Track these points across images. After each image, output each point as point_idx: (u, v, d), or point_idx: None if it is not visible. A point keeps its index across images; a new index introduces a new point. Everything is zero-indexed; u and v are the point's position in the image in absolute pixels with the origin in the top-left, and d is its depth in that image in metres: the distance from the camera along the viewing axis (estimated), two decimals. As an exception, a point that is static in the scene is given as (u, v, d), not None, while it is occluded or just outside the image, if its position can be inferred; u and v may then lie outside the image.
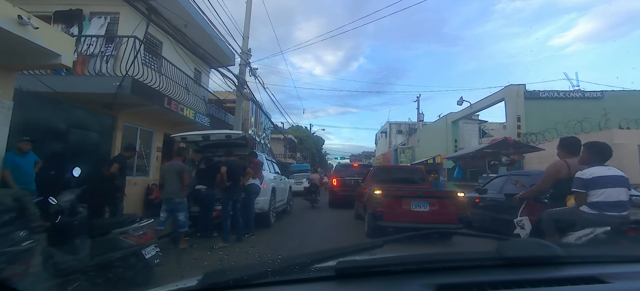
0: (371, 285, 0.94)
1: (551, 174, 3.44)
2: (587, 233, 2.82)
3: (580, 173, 3.01)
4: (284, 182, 9.33)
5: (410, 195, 6.11)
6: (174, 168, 5.27)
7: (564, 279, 0.93)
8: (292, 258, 1.05)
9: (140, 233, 3.29)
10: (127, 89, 6.45)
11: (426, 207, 5.89)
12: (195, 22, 9.49)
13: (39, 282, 2.63)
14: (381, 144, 46.23)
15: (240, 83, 11.61)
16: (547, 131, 10.56)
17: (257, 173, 6.36)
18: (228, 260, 4.59)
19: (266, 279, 0.94)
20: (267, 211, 6.99)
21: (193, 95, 9.63)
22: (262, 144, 22.75)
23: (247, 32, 12.07)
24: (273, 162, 9.09)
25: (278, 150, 33.58)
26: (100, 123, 7.10)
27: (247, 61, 12.07)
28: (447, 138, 19.23)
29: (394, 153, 32.04)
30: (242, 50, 11.80)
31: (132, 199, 7.98)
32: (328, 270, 0.95)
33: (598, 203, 2.90)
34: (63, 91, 6.44)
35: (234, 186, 5.81)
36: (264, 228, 6.84)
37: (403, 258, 1.06)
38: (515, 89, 13.04)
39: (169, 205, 5.15)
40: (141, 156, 8.53)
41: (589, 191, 2.94)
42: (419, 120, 29.71)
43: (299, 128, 44.39)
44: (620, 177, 2.99)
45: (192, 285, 0.95)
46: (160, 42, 9.29)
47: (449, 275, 0.96)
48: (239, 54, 11.78)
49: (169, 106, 7.87)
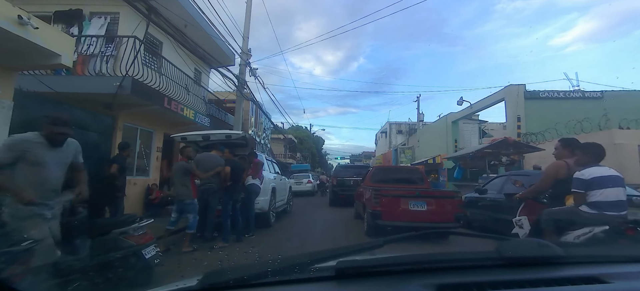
0: (371, 285, 0.94)
1: (551, 174, 3.47)
2: (585, 232, 2.87)
3: (580, 174, 3.06)
4: (284, 182, 9.33)
5: (408, 195, 6.15)
6: (180, 169, 5.32)
7: (564, 279, 0.92)
8: (292, 258, 1.05)
9: (141, 233, 3.29)
10: (127, 89, 6.45)
11: (424, 207, 5.95)
12: (196, 22, 9.49)
13: (39, 282, 2.58)
14: (381, 144, 46.21)
15: (240, 83, 11.62)
16: (547, 131, 10.56)
17: (257, 173, 6.37)
18: (228, 260, 4.59)
19: (266, 279, 0.94)
20: (267, 211, 7.00)
21: (193, 95, 9.63)
22: (262, 144, 22.77)
23: (247, 32, 12.08)
24: (273, 162, 9.10)
25: (278, 150, 33.60)
26: (101, 123, 7.09)
27: (247, 61, 12.07)
28: (447, 138, 19.23)
29: (394, 153, 32.03)
30: (242, 50, 11.81)
31: (132, 199, 7.98)
32: (328, 270, 0.95)
33: (597, 203, 2.95)
34: (63, 91, 6.43)
35: (234, 186, 5.82)
36: (264, 228, 6.85)
37: (403, 258, 1.06)
38: (515, 89, 13.04)
39: (179, 206, 5.24)
40: (141, 156, 8.53)
41: (588, 191, 2.99)
42: (419, 120, 29.76)
43: (299, 128, 44.39)
44: (618, 177, 3.06)
45: (192, 285, 0.95)
46: (161, 42, 9.29)
47: (449, 275, 0.96)
48: (239, 54, 11.79)
49: (169, 106, 7.87)
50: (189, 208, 5.14)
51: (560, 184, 3.34)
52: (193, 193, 5.25)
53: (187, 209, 5.15)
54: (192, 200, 5.18)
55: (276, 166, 9.23)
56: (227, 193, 5.72)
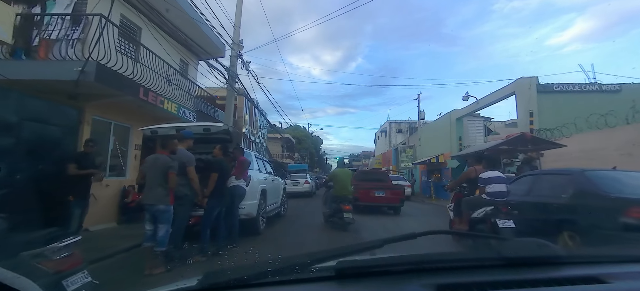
0: (371, 285, 0.94)
1: (465, 175, 5.73)
2: (483, 210, 4.68)
3: (482, 175, 4.88)
4: (277, 183, 8.41)
5: (373, 187, 10.38)
6: (157, 164, 4.19)
7: (564, 279, 0.92)
8: (292, 258, 1.05)
9: (63, 256, 2.36)
10: (91, 75, 5.52)
11: (383, 194, 10.32)
12: (179, 6, 8.57)
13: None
14: (381, 144, 45.32)
15: (231, 76, 10.71)
16: (564, 127, 9.67)
17: (243, 173, 5.44)
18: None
19: (266, 279, 0.94)
20: (256, 217, 6.08)
21: (177, 88, 8.69)
22: (258, 143, 21.86)
23: (238, 21, 11.19)
24: (265, 161, 8.18)
25: (275, 150, 32.90)
26: (63, 116, 6.17)
27: (239, 53, 11.18)
28: (451, 136, 18.33)
29: (394, 153, 31.14)
30: (234, 41, 10.92)
31: (104, 203, 7.06)
32: (328, 270, 0.95)
33: (490, 193, 4.71)
34: (17, 78, 5.49)
35: (221, 189, 4.89)
36: (252, 236, 5.94)
37: (403, 258, 1.06)
38: (527, 82, 12.12)
39: (151, 213, 4.12)
40: (116, 154, 7.60)
41: (485, 186, 4.77)
42: (420, 118, 28.88)
43: (297, 128, 43.69)
44: (502, 177, 4.89)
45: (192, 285, 0.95)
46: (139, 28, 8.36)
47: (449, 275, 0.96)
48: (230, 45, 10.88)
49: (145, 98, 6.94)
50: (163, 217, 4.09)
51: (471, 182, 5.36)
52: (170, 199, 4.18)
53: (159, 219, 4.09)
54: (167, 206, 4.12)
55: (268, 166, 8.32)
56: (215, 198, 4.80)
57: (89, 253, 4.57)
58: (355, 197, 8.95)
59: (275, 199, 7.95)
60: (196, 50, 10.79)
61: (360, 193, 9.88)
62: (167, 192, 4.14)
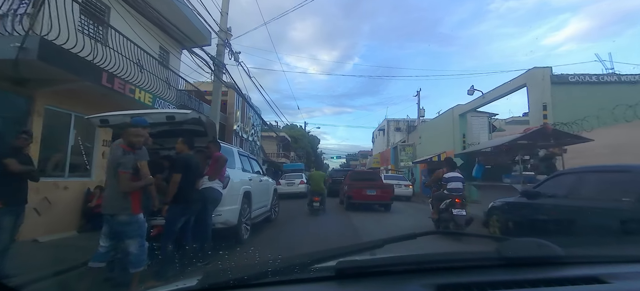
0: (371, 285, 0.93)
1: (436, 175, 6.89)
2: (444, 202, 6.19)
3: (445, 175, 6.41)
4: (266, 184, 7.41)
5: (366, 186, 10.81)
6: (109, 160, 3.35)
7: (564, 279, 0.91)
8: (292, 258, 1.05)
9: None
10: (33, 52, 4.52)
11: (374, 192, 10.68)
12: (155, -16, 7.57)
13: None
14: (379, 143, 44.37)
15: (217, 66, 9.70)
16: (585, 120, 8.74)
17: (218, 173, 4.43)
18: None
19: (266, 279, 0.93)
20: (237, 225, 5.08)
21: (153, 76, 7.66)
22: (251, 142, 20.80)
23: (226, 7, 10.21)
24: (250, 158, 7.17)
25: (271, 149, 31.88)
26: (7, 105, 5.17)
27: (226, 41, 10.19)
28: (454, 133, 17.39)
29: (393, 151, 30.20)
30: (221, 28, 9.92)
31: (62, 208, 6.05)
32: (328, 270, 0.94)
33: (449, 189, 6.22)
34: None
35: (189, 193, 3.88)
36: (232, 248, 4.95)
37: (403, 258, 1.05)
38: (540, 73, 11.17)
39: (111, 226, 3.18)
40: (78, 151, 6.57)
41: (447, 184, 6.29)
42: (420, 116, 27.95)
43: (293, 127, 42.71)
44: (458, 176, 6.36)
45: (192, 285, 0.94)
46: (108, 7, 7.33)
47: (449, 275, 0.94)
48: (216, 33, 9.85)
49: (110, 85, 5.93)
50: (129, 231, 3.12)
51: (440, 181, 6.58)
52: (133, 206, 3.17)
53: (125, 233, 3.14)
54: (131, 217, 3.12)
55: (256, 164, 7.34)
56: (179, 204, 3.80)
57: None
58: (350, 195, 10.59)
59: (263, 202, 6.97)
60: (178, 36, 9.75)
61: (354, 192, 10.65)
62: (125, 197, 3.15)
